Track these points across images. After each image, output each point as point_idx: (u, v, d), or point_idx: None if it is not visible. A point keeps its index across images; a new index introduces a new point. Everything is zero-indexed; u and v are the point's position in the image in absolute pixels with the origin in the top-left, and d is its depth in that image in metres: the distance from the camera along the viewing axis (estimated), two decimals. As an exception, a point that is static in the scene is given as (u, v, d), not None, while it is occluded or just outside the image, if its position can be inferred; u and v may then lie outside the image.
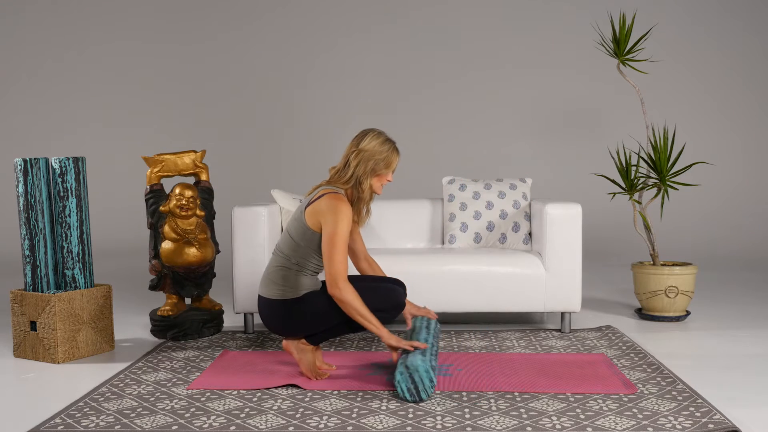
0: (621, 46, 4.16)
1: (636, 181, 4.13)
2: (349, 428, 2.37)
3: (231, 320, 4.09)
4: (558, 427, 2.36)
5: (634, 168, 4.17)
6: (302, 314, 2.86)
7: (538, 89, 7.24)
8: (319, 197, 2.86)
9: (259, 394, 2.73)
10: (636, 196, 4.20)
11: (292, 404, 2.61)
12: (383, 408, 2.56)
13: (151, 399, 2.70)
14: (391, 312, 2.92)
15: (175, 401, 2.67)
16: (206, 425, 2.41)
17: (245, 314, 3.75)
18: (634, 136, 6.37)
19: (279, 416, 2.48)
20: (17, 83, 7.40)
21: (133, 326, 3.98)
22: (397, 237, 4.17)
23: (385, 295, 2.91)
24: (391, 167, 2.93)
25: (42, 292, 3.35)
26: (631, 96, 6.77)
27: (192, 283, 3.68)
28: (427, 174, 7.06)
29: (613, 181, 4.17)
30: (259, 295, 2.95)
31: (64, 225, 3.36)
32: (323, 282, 2.96)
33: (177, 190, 3.60)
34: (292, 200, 3.96)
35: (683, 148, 4.03)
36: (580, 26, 7.01)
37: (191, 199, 3.61)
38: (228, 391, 2.77)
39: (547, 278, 3.61)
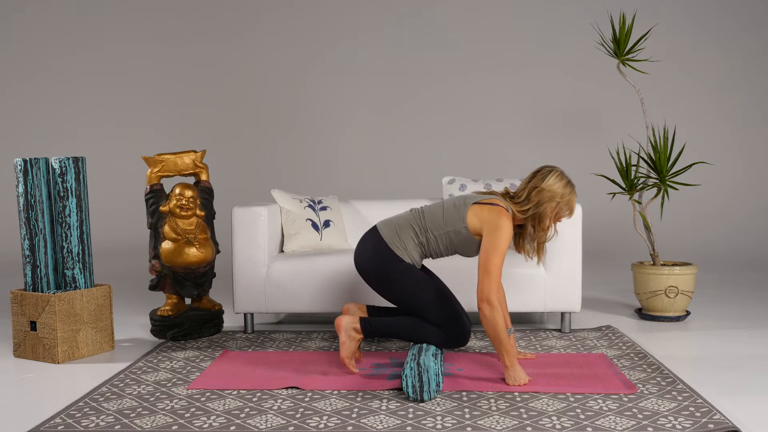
0: (621, 46, 4.16)
1: (636, 181, 4.13)
2: (349, 428, 2.37)
3: (231, 320, 4.09)
4: (558, 427, 2.36)
5: (634, 168, 4.17)
6: (393, 272, 2.91)
7: (538, 89, 7.24)
8: (490, 204, 2.90)
9: (259, 394, 2.73)
10: (636, 196, 4.20)
11: (292, 404, 2.61)
12: (383, 408, 2.56)
13: (151, 399, 2.70)
14: (452, 342, 2.97)
15: (175, 401, 2.67)
16: (206, 425, 2.41)
17: (245, 314, 3.75)
18: (634, 136, 6.37)
19: (279, 416, 2.48)
20: (17, 83, 7.40)
21: (133, 326, 3.99)
22: (397, 237, 4.16)
23: (462, 327, 2.96)
24: (573, 211, 2.98)
25: (42, 292, 3.35)
26: (631, 96, 6.77)
27: (192, 283, 3.68)
28: (427, 174, 7.07)
29: (613, 181, 4.17)
30: (376, 226, 3.02)
31: (64, 225, 3.36)
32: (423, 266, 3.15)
33: (177, 190, 3.60)
34: (292, 200, 3.97)
35: (683, 148, 4.03)
36: (580, 26, 7.01)
37: (191, 199, 3.61)
38: (228, 391, 2.77)
39: (547, 278, 3.61)
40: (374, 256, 2.96)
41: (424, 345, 2.89)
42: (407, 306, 2.95)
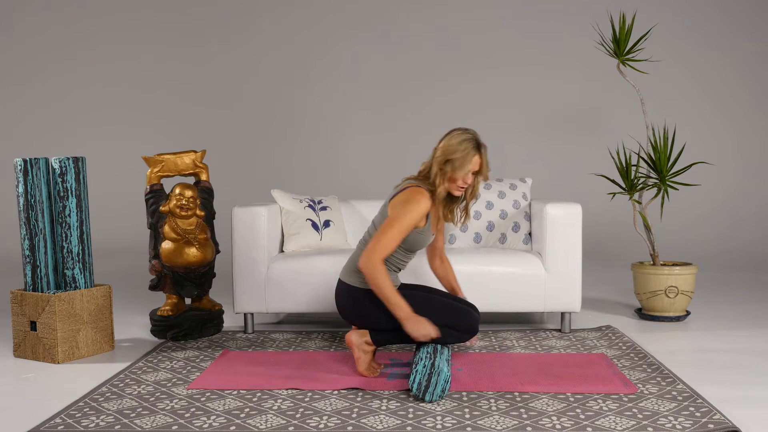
0: (621, 46, 4.16)
1: (636, 181, 4.13)
2: (349, 428, 2.37)
3: (231, 320, 4.09)
4: (558, 427, 2.36)
5: (634, 168, 4.17)
6: (377, 305, 2.89)
7: (538, 89, 7.24)
8: (403, 189, 2.89)
9: (259, 394, 2.73)
10: (636, 196, 4.20)
11: (292, 404, 2.61)
12: (383, 408, 2.56)
13: (151, 399, 2.70)
14: (464, 334, 2.95)
15: (175, 401, 2.67)
16: (206, 425, 2.41)
17: (245, 314, 3.75)
18: (634, 136, 6.36)
19: (279, 416, 2.48)
20: (17, 83, 7.40)
21: (133, 326, 3.98)
22: (397, 237, 4.16)
23: (465, 316, 2.95)
24: (464, 169, 2.85)
25: (42, 292, 3.35)
26: (631, 96, 6.76)
27: (192, 283, 3.68)
28: (427, 174, 7.06)
29: (613, 181, 4.17)
30: (340, 280, 3.01)
31: (64, 225, 3.36)
32: (402, 284, 3.10)
33: (177, 190, 3.60)
34: (292, 200, 3.97)
35: (683, 148, 4.03)
36: (580, 26, 7.00)
37: (191, 199, 3.61)
38: (228, 391, 2.77)
39: (547, 278, 3.61)
40: (353, 303, 2.95)
41: (439, 346, 2.89)
42: None
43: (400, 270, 3.05)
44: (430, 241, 3.01)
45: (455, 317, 2.92)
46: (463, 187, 2.91)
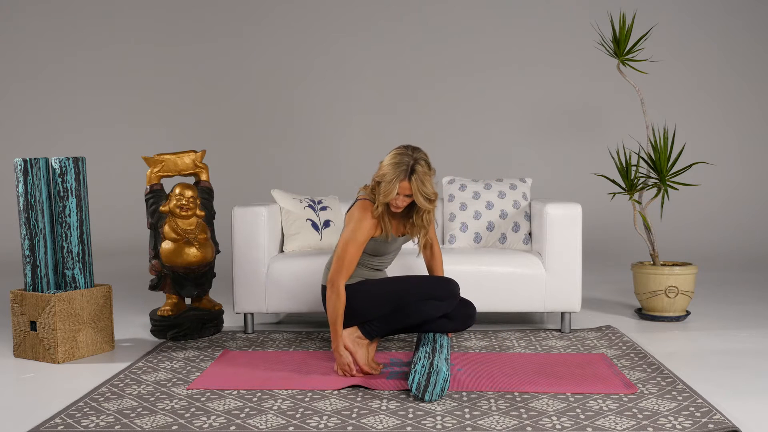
0: (621, 46, 4.16)
1: (636, 181, 4.13)
2: (349, 428, 2.37)
3: (231, 320, 4.09)
4: (558, 427, 2.36)
5: (634, 168, 4.17)
6: (356, 296, 2.95)
7: (538, 89, 7.24)
8: (355, 202, 2.99)
9: (259, 394, 2.73)
10: (636, 196, 4.20)
11: (292, 404, 2.61)
12: (383, 408, 2.56)
13: (151, 399, 2.70)
14: (446, 300, 3.02)
15: (175, 401, 2.67)
16: (206, 425, 2.41)
17: (245, 314, 3.75)
18: (634, 136, 6.36)
19: (279, 416, 2.48)
20: (17, 83, 7.40)
21: (133, 326, 3.98)
22: (397, 237, 4.16)
23: (443, 283, 3.05)
24: (389, 194, 2.85)
25: (42, 292, 3.34)
26: (631, 96, 6.76)
27: (192, 283, 3.68)
28: (427, 174, 7.05)
29: (613, 181, 4.17)
30: (323, 286, 3.09)
31: (64, 225, 3.36)
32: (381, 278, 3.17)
33: (177, 190, 3.60)
34: (292, 200, 3.97)
35: (683, 148, 4.03)
36: (580, 26, 7.00)
37: (191, 199, 3.61)
38: (228, 391, 2.77)
39: (547, 278, 3.61)
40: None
41: (438, 345, 2.90)
42: (393, 303, 3.00)
43: (381, 270, 3.12)
44: (397, 244, 3.07)
45: (434, 287, 3.03)
46: (397, 207, 2.92)
